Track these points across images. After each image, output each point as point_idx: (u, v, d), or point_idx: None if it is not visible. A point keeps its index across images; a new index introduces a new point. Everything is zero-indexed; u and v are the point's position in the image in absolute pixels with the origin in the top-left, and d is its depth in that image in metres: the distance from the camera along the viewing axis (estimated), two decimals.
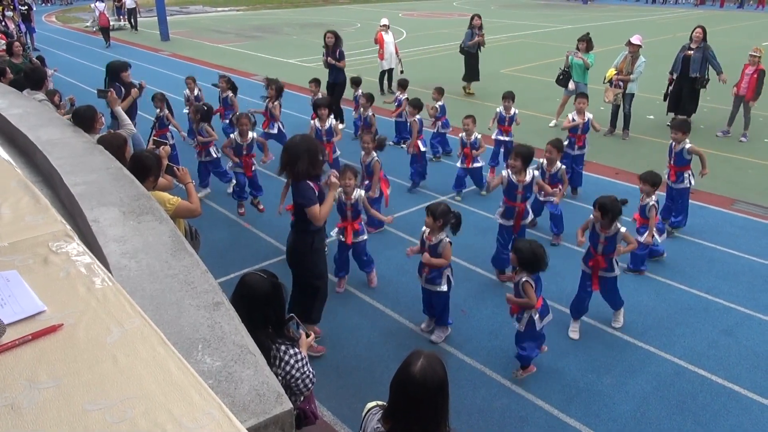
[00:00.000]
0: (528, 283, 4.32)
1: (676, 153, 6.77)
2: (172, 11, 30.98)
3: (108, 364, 1.19)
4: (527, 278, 4.33)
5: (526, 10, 36.82)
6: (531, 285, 4.33)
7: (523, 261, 4.35)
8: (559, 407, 4.36)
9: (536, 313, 4.44)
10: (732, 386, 4.56)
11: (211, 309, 1.89)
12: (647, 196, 5.92)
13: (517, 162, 5.75)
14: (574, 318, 5.26)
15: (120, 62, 7.50)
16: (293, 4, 39.76)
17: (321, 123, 7.70)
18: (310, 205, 4.34)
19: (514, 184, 5.82)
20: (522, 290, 4.36)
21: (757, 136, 10.70)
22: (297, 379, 2.92)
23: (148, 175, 4.02)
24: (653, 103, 12.38)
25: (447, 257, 4.83)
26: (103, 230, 2.42)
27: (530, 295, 4.34)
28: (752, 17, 33.34)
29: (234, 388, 1.56)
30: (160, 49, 20.79)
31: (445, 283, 4.96)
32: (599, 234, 5.06)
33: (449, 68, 16.96)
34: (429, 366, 2.29)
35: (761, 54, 10.14)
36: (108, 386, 1.13)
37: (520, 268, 4.40)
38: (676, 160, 6.80)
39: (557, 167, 6.60)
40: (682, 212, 6.98)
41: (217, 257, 6.29)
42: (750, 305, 5.61)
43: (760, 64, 10.11)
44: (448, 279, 4.97)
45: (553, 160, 6.59)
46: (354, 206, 5.60)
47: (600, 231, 5.06)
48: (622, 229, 4.98)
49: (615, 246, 5.02)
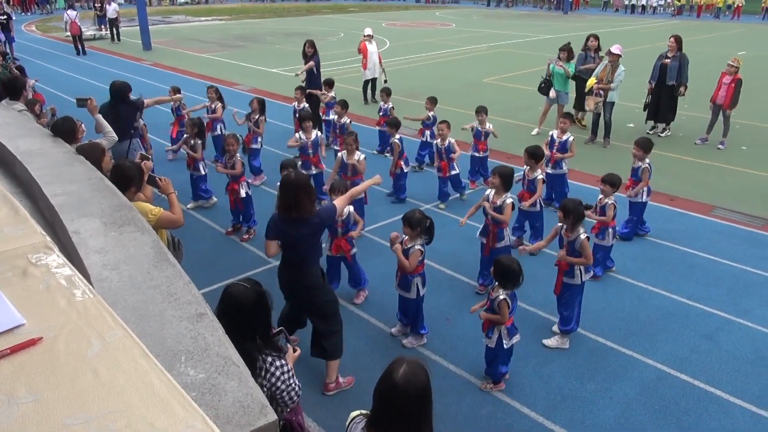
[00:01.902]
0: (505, 301, 4.35)
1: (634, 168, 6.99)
2: (154, 21, 30.84)
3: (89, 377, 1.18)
4: (505, 296, 4.35)
5: (507, 20, 37.26)
6: (507, 304, 4.35)
7: (498, 274, 4.38)
8: (544, 414, 4.37)
9: (505, 330, 4.46)
10: (714, 390, 4.61)
11: (194, 320, 1.88)
12: (606, 197, 6.02)
13: (495, 180, 5.66)
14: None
15: (122, 83, 7.38)
16: (276, 14, 39.81)
17: (306, 135, 7.67)
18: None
19: (483, 209, 5.76)
20: (497, 307, 4.38)
21: (735, 143, 10.91)
22: (282, 391, 2.90)
23: (129, 186, 3.98)
24: (633, 112, 12.56)
25: (412, 262, 4.84)
26: (84, 241, 2.39)
27: (504, 313, 4.36)
28: (728, 27, 34.07)
29: (218, 400, 1.54)
30: (142, 58, 20.67)
31: (414, 291, 4.98)
32: (563, 237, 5.15)
33: (433, 77, 17.09)
34: (411, 373, 2.29)
35: (739, 64, 10.37)
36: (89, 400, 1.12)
37: (499, 284, 4.42)
38: (632, 174, 7.03)
39: (536, 174, 6.62)
40: (630, 224, 7.11)
41: (200, 268, 6.24)
42: (730, 310, 5.69)
43: (738, 74, 10.33)
44: (417, 287, 4.98)
45: (531, 168, 6.62)
46: (345, 222, 5.59)
47: (564, 234, 5.13)
48: (583, 236, 5.01)
49: (575, 251, 5.06)
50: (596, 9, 47.68)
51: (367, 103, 13.89)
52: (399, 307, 5.25)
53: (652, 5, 44.34)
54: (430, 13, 42.26)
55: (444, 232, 7.14)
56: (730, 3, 41.98)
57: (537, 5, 49.04)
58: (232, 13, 39.85)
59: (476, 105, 8.73)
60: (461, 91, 15.27)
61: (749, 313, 5.64)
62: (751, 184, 9.07)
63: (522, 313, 5.55)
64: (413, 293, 4.99)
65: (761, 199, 8.43)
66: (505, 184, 5.66)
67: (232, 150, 6.89)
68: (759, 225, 7.57)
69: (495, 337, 4.48)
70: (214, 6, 46.46)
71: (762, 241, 7.15)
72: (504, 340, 4.47)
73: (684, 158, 10.17)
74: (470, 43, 24.92)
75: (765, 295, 5.96)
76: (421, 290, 5.02)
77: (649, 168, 6.85)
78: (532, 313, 5.61)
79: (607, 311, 5.67)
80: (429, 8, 47.21)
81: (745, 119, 12.38)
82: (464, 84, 16.29)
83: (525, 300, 5.73)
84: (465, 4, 51.71)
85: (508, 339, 4.49)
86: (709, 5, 42.49)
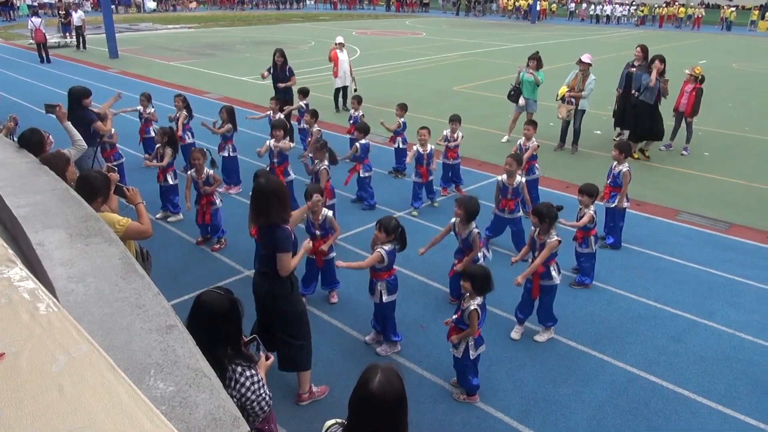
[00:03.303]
0: (476, 311, 4.36)
1: (614, 174, 7.05)
2: (121, 28, 30.38)
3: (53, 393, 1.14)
4: (476, 307, 4.36)
5: (476, 29, 37.77)
6: (478, 314, 4.37)
7: (473, 284, 4.38)
8: (518, 419, 4.40)
9: (472, 341, 4.48)
10: (682, 391, 4.71)
11: (163, 332, 1.84)
12: (585, 207, 6.12)
13: (461, 211, 5.47)
14: (519, 323, 5.44)
15: (81, 88, 7.20)
16: (246, 22, 39.60)
17: (275, 143, 7.62)
18: (285, 251, 4.12)
19: (455, 235, 5.69)
20: (468, 317, 4.40)
21: (698, 149, 11.22)
22: (253, 401, 2.86)
23: (96, 197, 3.90)
24: (600, 119, 12.83)
25: (367, 261, 4.85)
26: (48, 253, 2.33)
27: (473, 324, 4.38)
28: (689, 37, 35.12)
29: (189, 413, 1.52)
30: (109, 66, 20.32)
31: (378, 296, 4.99)
32: (536, 241, 5.21)
33: (403, 86, 17.20)
34: (387, 381, 2.28)
35: (698, 73, 10.68)
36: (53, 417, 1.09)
37: (471, 293, 4.42)
38: (612, 181, 7.08)
39: (518, 181, 6.67)
40: (615, 232, 7.19)
41: (170, 279, 6.13)
42: (695, 312, 5.83)
43: (698, 83, 10.64)
44: (380, 293, 4.99)
45: (513, 172, 6.63)
46: (322, 225, 5.58)
47: (537, 238, 5.21)
48: (554, 239, 5.11)
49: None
50: (562, 19, 48.72)
51: (339, 111, 13.90)
52: (374, 313, 5.25)
53: (616, 16, 45.51)
54: (400, 22, 42.56)
55: (417, 240, 7.16)
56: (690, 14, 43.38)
57: (505, 15, 49.88)
58: (201, 21, 39.52)
59: (447, 113, 8.82)
60: (431, 99, 15.39)
61: (714, 314, 5.79)
62: (713, 188, 9.33)
63: (495, 318, 5.60)
64: (377, 297, 5.00)
65: (723, 203, 8.68)
66: (468, 218, 5.48)
67: (198, 164, 6.71)
68: (722, 228, 7.79)
69: (462, 348, 4.49)
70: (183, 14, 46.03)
71: (725, 244, 7.36)
72: (471, 351, 4.48)
73: (649, 164, 10.41)
74: (440, 52, 25.18)
75: (728, 297, 6.12)
76: (384, 296, 5.00)
77: (630, 172, 6.94)
78: (505, 318, 5.65)
79: (577, 315, 5.75)
80: (399, 17, 47.56)
81: (707, 126, 12.76)
82: (434, 92, 16.43)
83: (499, 305, 5.78)
84: (434, 14, 52.27)
85: (474, 350, 4.50)
86: (671, 16, 43.82)
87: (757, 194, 9.09)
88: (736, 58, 25.73)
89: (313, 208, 5.27)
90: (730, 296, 6.13)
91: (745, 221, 8.01)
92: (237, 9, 50.85)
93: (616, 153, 7.01)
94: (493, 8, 53.11)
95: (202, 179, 6.79)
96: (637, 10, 45.41)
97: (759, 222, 7.99)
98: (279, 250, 4.10)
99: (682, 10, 43.85)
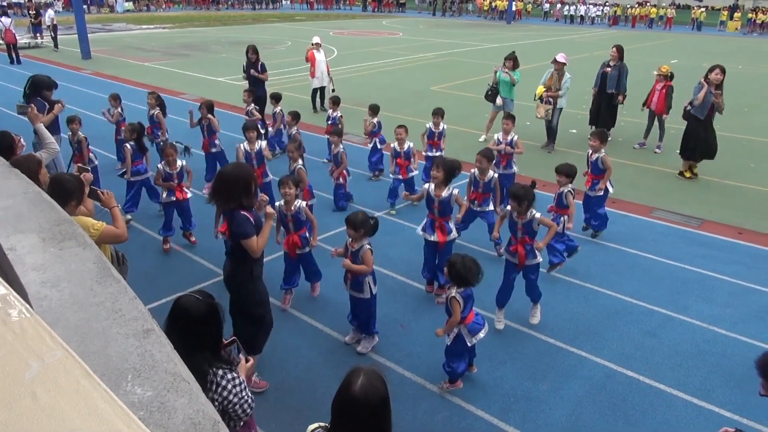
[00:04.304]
0: (455, 299, 4.38)
1: (592, 162, 7.24)
2: (94, 28, 29.87)
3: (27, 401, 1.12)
4: (456, 294, 4.38)
5: (453, 29, 37.96)
6: (458, 302, 4.38)
7: (453, 274, 4.40)
8: (498, 416, 4.43)
9: (465, 329, 4.50)
10: (658, 385, 4.79)
11: (140, 337, 1.81)
12: (561, 186, 6.24)
13: (439, 173, 5.58)
14: (499, 308, 5.51)
15: (46, 78, 7.05)
16: (222, 22, 39.25)
17: (250, 146, 7.54)
18: (247, 237, 4.18)
19: (432, 197, 5.72)
20: (449, 305, 4.42)
21: (671, 147, 11.41)
22: (235, 404, 2.84)
23: (69, 200, 3.83)
24: (575, 118, 12.98)
25: (368, 263, 4.86)
26: (20, 258, 2.28)
27: (455, 311, 4.40)
28: (661, 37, 35.75)
29: (167, 418, 1.49)
30: (81, 67, 19.98)
31: (368, 291, 4.99)
32: (516, 221, 5.28)
33: (381, 86, 17.21)
34: (369, 383, 2.27)
35: (665, 71, 10.88)
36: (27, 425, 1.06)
37: (452, 283, 4.45)
38: (592, 169, 7.28)
39: (490, 176, 6.72)
40: (599, 217, 7.40)
41: (146, 282, 6.05)
42: (670, 307, 5.93)
43: (668, 80, 10.84)
44: (369, 286, 5.00)
45: (484, 169, 6.68)
46: (295, 217, 5.54)
47: (517, 218, 5.28)
48: (537, 215, 5.20)
49: (532, 230, 5.24)
50: (537, 19, 49.24)
51: (316, 111, 13.85)
52: (351, 310, 5.23)
53: (590, 16, 46.13)
54: (377, 22, 42.59)
55: (395, 239, 7.20)
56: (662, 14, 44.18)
57: (481, 15, 50.22)
58: (175, 21, 39.06)
59: (424, 112, 8.91)
60: (409, 98, 15.43)
61: (688, 309, 5.90)
62: (686, 185, 9.51)
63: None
64: (366, 293, 4.99)
65: (696, 200, 8.85)
66: (447, 178, 5.61)
67: (171, 159, 6.72)
68: (695, 225, 7.94)
69: (452, 336, 4.52)
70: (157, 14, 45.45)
71: (698, 240, 7.50)
72: (467, 339, 4.50)
73: (624, 162, 10.57)
74: (417, 52, 25.25)
75: (702, 292, 6.25)
76: (373, 289, 5.02)
77: (608, 156, 7.19)
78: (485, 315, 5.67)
79: (555, 312, 5.81)
80: (376, 17, 47.59)
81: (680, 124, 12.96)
82: (412, 92, 16.47)
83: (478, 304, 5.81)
84: (411, 14, 52.42)
85: (470, 337, 4.52)
86: (643, 16, 44.58)
87: (728, 191, 9.29)
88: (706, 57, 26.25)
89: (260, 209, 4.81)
90: (704, 291, 6.26)
91: (717, 218, 8.18)
92: (212, 9, 50.36)
93: (596, 142, 7.15)
94: (470, 8, 53.45)
95: (176, 170, 6.79)
96: (611, 10, 46.09)
97: (730, 218, 8.16)
98: (240, 236, 4.19)
99: (654, 10, 44.64)
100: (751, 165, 10.58)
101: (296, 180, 5.65)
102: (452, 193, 5.65)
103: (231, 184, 4.18)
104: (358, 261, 4.88)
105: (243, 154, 7.48)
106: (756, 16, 41.08)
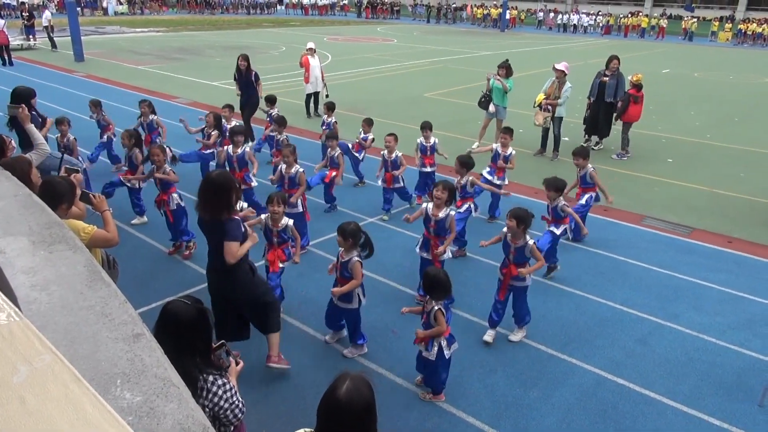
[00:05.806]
0: (440, 311, 4.40)
1: (581, 177, 7.36)
2: (87, 31, 29.79)
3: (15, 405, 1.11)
4: (439, 307, 4.40)
5: (447, 36, 38.14)
6: (443, 313, 4.41)
7: (437, 287, 4.41)
8: (489, 423, 4.43)
9: (444, 341, 4.51)
10: (648, 393, 4.81)
11: (130, 341, 1.81)
12: (554, 200, 6.30)
13: (443, 195, 5.56)
14: (491, 327, 5.45)
15: (26, 88, 6.99)
16: (216, 27, 39.23)
17: (234, 149, 7.50)
18: (236, 240, 4.19)
19: (429, 217, 5.71)
20: (434, 318, 4.42)
21: (661, 156, 11.52)
22: (225, 410, 2.83)
23: (60, 202, 3.81)
24: (567, 126, 13.04)
25: (356, 276, 4.85)
26: (10, 261, 2.26)
27: (440, 322, 4.41)
28: (653, 47, 36.07)
29: (156, 423, 1.49)
30: (74, 69, 19.89)
31: (356, 301, 4.99)
32: (510, 244, 5.27)
33: (375, 92, 17.25)
34: (355, 388, 2.26)
35: (636, 80, 11.10)
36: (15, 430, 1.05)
37: (431, 296, 4.46)
38: (581, 183, 7.39)
39: (466, 180, 6.75)
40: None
41: (137, 287, 6.01)
42: (660, 315, 5.96)
43: (634, 89, 11.04)
44: (358, 297, 5.00)
45: (462, 173, 6.75)
46: (280, 233, 5.52)
47: (511, 242, 5.27)
48: (530, 242, 5.20)
49: (524, 256, 5.22)
50: (531, 27, 49.53)
51: (310, 117, 13.86)
52: (328, 314, 5.22)
53: (583, 25, 46.47)
54: (371, 28, 42.72)
55: (388, 245, 7.20)
56: (654, 24, 44.60)
57: (475, 23, 50.47)
58: (170, 24, 38.98)
59: (418, 119, 8.86)
60: (403, 105, 15.48)
61: (678, 316, 5.93)
62: (677, 194, 9.58)
63: (465, 322, 5.64)
64: (355, 303, 4.99)
65: (686, 208, 8.92)
66: (449, 200, 5.64)
67: (158, 161, 6.61)
68: (685, 233, 8.00)
69: (435, 350, 4.50)
70: (151, 17, 45.38)
71: (688, 248, 7.55)
72: (444, 351, 4.51)
73: (616, 170, 10.64)
74: (412, 59, 25.35)
75: (692, 300, 6.28)
76: (362, 299, 5.02)
77: (596, 171, 7.29)
78: (476, 322, 5.69)
79: (547, 319, 5.83)
80: (370, 23, 47.75)
81: (669, 133, 13.12)
82: (406, 98, 16.52)
83: (468, 310, 5.83)
84: (405, 21, 52.63)
85: (448, 349, 4.53)
86: (635, 26, 44.94)
87: (717, 199, 9.37)
88: (697, 67, 26.52)
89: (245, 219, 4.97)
90: (694, 299, 6.29)
91: (706, 226, 8.24)
92: (206, 13, 50.35)
93: (580, 160, 7.24)
94: (464, 16, 53.71)
95: (162, 173, 6.68)
96: (603, 19, 46.46)
97: (720, 226, 8.22)
98: (230, 238, 4.16)
99: (645, 20, 45.04)
100: (741, 174, 10.67)
101: (284, 197, 5.56)
102: (449, 215, 5.60)
103: (218, 190, 4.14)
104: (347, 273, 4.88)
105: (225, 156, 7.48)
106: (746, 27, 41.52)
